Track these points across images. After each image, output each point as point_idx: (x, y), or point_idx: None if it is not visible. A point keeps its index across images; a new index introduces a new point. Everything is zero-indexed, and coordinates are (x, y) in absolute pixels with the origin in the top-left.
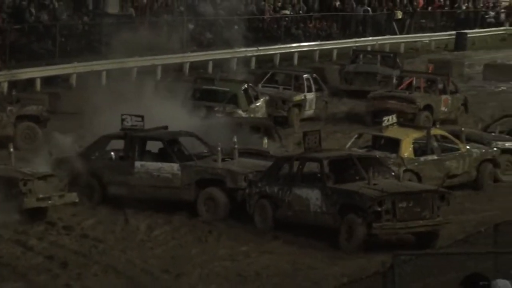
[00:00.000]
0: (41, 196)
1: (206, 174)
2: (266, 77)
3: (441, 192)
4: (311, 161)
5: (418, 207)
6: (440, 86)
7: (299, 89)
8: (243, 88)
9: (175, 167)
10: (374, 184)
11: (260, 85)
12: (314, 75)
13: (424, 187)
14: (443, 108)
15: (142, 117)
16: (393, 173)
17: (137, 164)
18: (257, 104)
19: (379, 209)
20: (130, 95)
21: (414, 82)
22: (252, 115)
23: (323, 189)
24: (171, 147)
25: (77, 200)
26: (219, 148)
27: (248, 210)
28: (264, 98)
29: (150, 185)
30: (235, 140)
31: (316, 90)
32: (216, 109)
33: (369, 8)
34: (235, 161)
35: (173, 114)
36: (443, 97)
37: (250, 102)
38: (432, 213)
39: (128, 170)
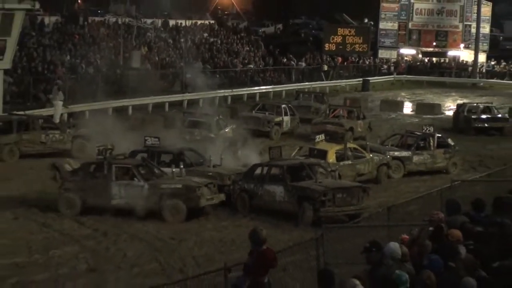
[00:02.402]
0: (207, 197)
1: (202, 176)
2: (258, 106)
3: (364, 187)
4: (276, 167)
5: (349, 197)
6: (356, 114)
7: (279, 114)
8: (215, 119)
9: (182, 170)
10: (320, 182)
11: (254, 111)
12: (289, 105)
13: (353, 184)
14: (359, 129)
15: (159, 138)
16: (330, 172)
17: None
18: (226, 130)
19: (323, 198)
20: (147, 122)
21: (340, 112)
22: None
23: (285, 186)
24: (179, 157)
25: (224, 199)
26: (211, 158)
27: (232, 200)
28: (231, 126)
29: None
30: (222, 156)
31: (291, 115)
32: (195, 133)
33: (304, 64)
34: (222, 166)
35: (173, 135)
36: (359, 121)
37: (220, 129)
38: (358, 202)
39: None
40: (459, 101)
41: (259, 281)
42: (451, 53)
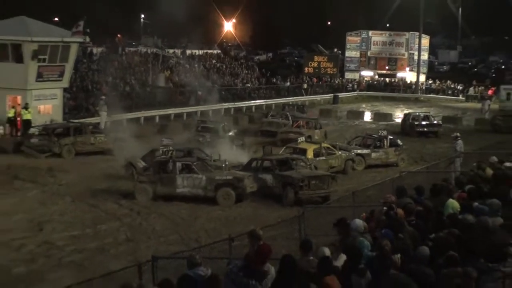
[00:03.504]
0: (250, 186)
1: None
2: (270, 113)
3: (332, 176)
4: (267, 160)
5: (321, 183)
6: (313, 124)
7: (287, 119)
8: (221, 125)
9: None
10: (299, 172)
11: (269, 117)
12: (291, 114)
13: (324, 173)
14: (316, 137)
15: (172, 138)
16: (308, 165)
17: None
18: (230, 133)
19: (301, 184)
20: (170, 128)
21: (300, 123)
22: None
23: (274, 174)
24: (189, 154)
25: (257, 188)
26: (219, 154)
27: None
28: (233, 131)
29: None
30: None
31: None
32: (207, 136)
33: (289, 83)
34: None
35: (189, 137)
36: (316, 131)
37: (225, 133)
38: (328, 187)
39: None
40: (406, 111)
41: (258, 268)
42: (400, 74)
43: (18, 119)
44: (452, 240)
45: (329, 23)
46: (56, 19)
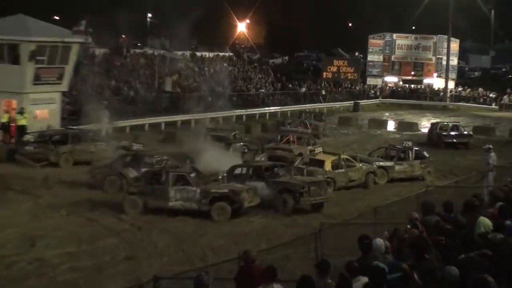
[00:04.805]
0: (248, 200)
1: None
2: (288, 122)
3: (328, 181)
4: (251, 167)
5: (319, 189)
6: (306, 140)
7: (305, 127)
8: (232, 134)
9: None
10: (295, 178)
11: (286, 125)
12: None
13: (320, 179)
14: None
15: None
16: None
17: None
18: (241, 143)
19: (302, 191)
20: (177, 135)
21: (291, 138)
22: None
23: (267, 182)
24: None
25: (259, 202)
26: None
27: None
28: (246, 139)
29: None
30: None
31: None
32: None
33: (306, 89)
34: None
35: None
36: (309, 147)
37: (236, 142)
38: (324, 193)
39: None
40: (433, 120)
41: None
42: (426, 81)
43: (12, 124)
44: (484, 261)
45: (350, 24)
46: (57, 17)
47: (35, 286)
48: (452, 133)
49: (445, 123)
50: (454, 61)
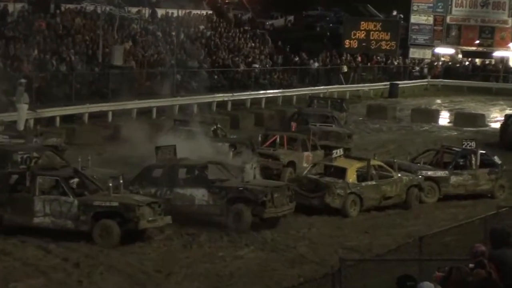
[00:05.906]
0: (149, 219)
1: None
2: (294, 116)
3: (289, 186)
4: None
5: (282, 197)
6: (301, 143)
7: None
8: (212, 129)
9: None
10: (247, 182)
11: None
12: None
13: (280, 182)
14: (305, 164)
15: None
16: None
17: None
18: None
19: (265, 199)
20: (130, 131)
21: (278, 139)
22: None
23: (210, 188)
24: None
25: (170, 222)
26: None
27: None
28: (232, 137)
29: None
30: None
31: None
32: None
33: (319, 64)
34: None
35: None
36: (305, 154)
37: (217, 136)
38: (288, 202)
39: None
40: (508, 111)
41: None
42: (498, 53)
43: None
44: None
45: None
46: None
47: None
48: None
49: None
50: None
